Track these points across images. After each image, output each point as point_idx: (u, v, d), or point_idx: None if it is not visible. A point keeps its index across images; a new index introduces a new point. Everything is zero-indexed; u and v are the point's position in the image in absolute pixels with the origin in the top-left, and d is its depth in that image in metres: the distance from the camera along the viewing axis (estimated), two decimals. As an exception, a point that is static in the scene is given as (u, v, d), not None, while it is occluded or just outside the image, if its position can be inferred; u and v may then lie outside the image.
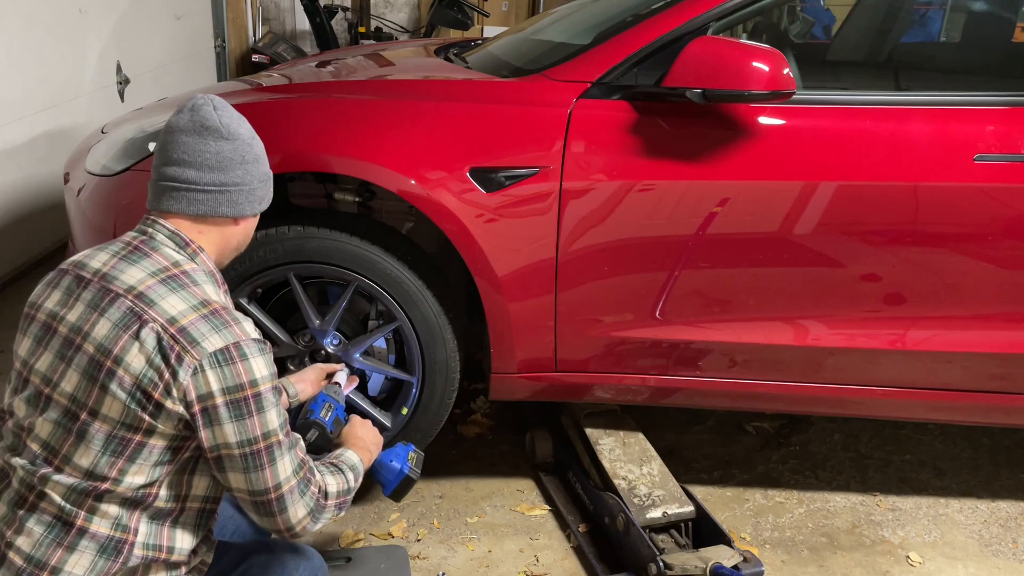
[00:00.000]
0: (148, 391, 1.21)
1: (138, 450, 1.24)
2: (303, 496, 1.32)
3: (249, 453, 1.25)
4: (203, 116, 1.33)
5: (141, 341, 1.21)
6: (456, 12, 5.83)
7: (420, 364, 2.10)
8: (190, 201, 1.33)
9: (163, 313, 1.23)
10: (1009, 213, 1.98)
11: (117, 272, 1.28)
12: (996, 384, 2.15)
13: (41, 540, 1.24)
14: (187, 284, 1.29)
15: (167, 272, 1.29)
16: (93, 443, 1.23)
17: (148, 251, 1.31)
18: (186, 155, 1.32)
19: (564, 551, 2.19)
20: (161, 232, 1.33)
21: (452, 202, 1.94)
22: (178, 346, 1.21)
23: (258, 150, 1.40)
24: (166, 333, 1.22)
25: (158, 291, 1.26)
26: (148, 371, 1.21)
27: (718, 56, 1.85)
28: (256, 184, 1.39)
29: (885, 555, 2.24)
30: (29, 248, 3.65)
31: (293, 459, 1.31)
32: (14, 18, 3.37)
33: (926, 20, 3.86)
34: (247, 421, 1.24)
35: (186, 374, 1.21)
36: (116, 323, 1.23)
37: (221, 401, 1.22)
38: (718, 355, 2.12)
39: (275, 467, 1.27)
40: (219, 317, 1.26)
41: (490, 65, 2.35)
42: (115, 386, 1.22)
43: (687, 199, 1.97)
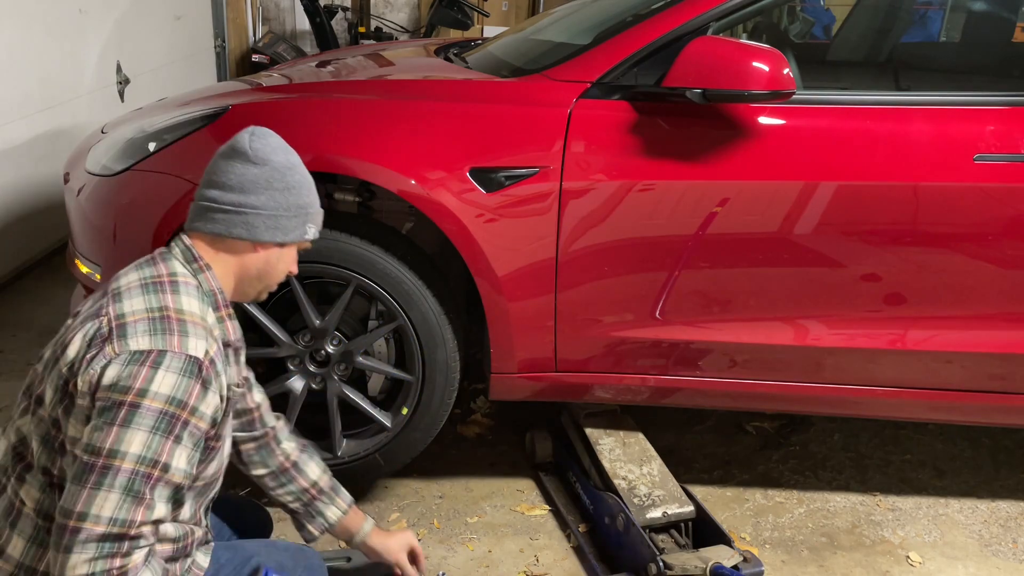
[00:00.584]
0: (66, 382, 1.18)
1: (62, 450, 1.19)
2: (97, 557, 1.09)
3: (85, 462, 1.11)
4: (237, 141, 1.35)
5: (84, 331, 1.20)
6: (456, 12, 5.83)
7: (420, 364, 2.10)
8: (208, 219, 1.34)
9: (118, 309, 1.21)
10: (1009, 213, 1.98)
11: (121, 277, 1.30)
12: (996, 384, 2.15)
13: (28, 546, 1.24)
14: (164, 290, 1.26)
15: (156, 279, 1.28)
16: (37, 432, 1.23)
17: (158, 261, 1.32)
18: (214, 176, 1.35)
19: (564, 551, 2.19)
20: (178, 246, 1.34)
21: (452, 202, 1.94)
22: (108, 340, 1.17)
23: (291, 180, 1.36)
24: (107, 325, 1.19)
25: (131, 293, 1.24)
26: (74, 359, 1.18)
27: (718, 56, 1.85)
28: (281, 212, 1.35)
29: (885, 555, 2.24)
30: (29, 248, 3.65)
31: (122, 504, 1.10)
32: (14, 18, 3.37)
33: (926, 20, 3.86)
34: (104, 427, 1.11)
35: (97, 364, 1.15)
36: (84, 318, 1.24)
37: (101, 396, 1.13)
38: (718, 355, 2.12)
39: (95, 493, 1.09)
40: (165, 323, 1.20)
41: (490, 65, 2.35)
42: (52, 375, 1.21)
43: (687, 199, 1.97)
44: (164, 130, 2.12)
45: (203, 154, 2.01)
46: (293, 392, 2.14)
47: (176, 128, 2.10)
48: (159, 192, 2.02)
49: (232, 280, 1.37)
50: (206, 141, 2.03)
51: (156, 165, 2.06)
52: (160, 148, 2.08)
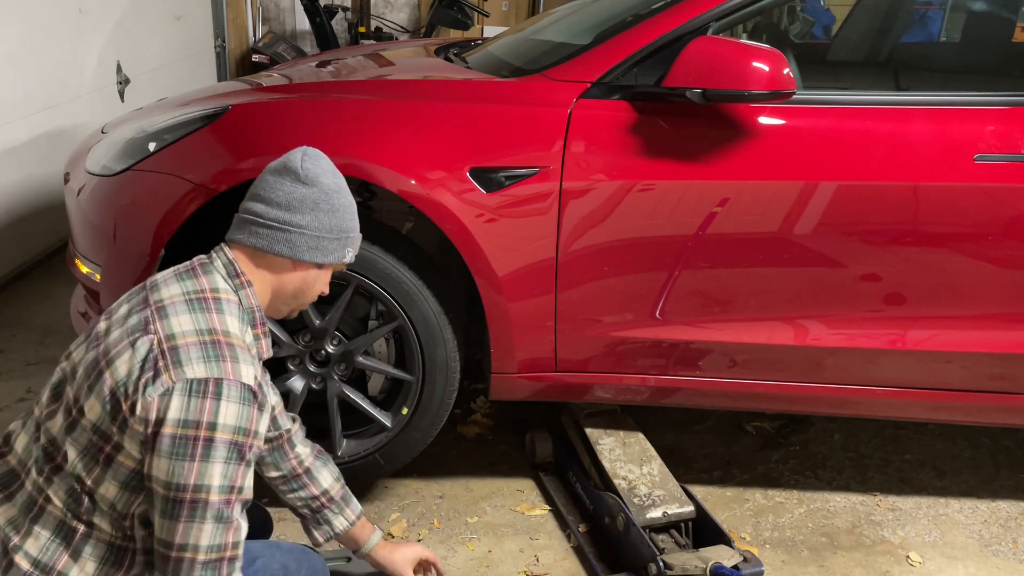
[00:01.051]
0: (119, 401, 1.17)
1: (108, 463, 1.20)
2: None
3: (172, 498, 1.15)
4: (289, 159, 1.36)
5: (135, 349, 1.19)
6: (456, 12, 5.83)
7: (420, 364, 2.10)
8: (251, 233, 1.34)
9: (167, 327, 1.21)
10: (1009, 213, 1.98)
11: (163, 286, 1.29)
12: (996, 384, 2.15)
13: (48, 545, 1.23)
14: (209, 309, 1.26)
15: (200, 295, 1.28)
16: (77, 443, 1.22)
17: (200, 273, 1.32)
18: (262, 191, 1.35)
19: (564, 551, 2.19)
20: (220, 259, 1.34)
21: (452, 202, 1.94)
22: (162, 361, 1.17)
23: (338, 204, 1.38)
24: (158, 346, 1.19)
25: (177, 308, 1.24)
26: (127, 380, 1.17)
27: (718, 56, 1.85)
28: (324, 234, 1.37)
29: (885, 555, 2.24)
30: (29, 248, 3.65)
31: (216, 532, 1.17)
32: (14, 18, 3.37)
33: (926, 20, 3.86)
34: (184, 463, 1.14)
35: (155, 391, 1.15)
36: (129, 328, 1.23)
37: (169, 431, 1.14)
38: (718, 355, 2.12)
39: (190, 526, 1.15)
40: (217, 348, 1.20)
41: (490, 65, 2.35)
42: (99, 387, 1.19)
43: (687, 199, 1.97)
44: (164, 130, 2.12)
45: (203, 154, 2.03)
46: (293, 392, 2.14)
47: (176, 128, 2.10)
48: (159, 192, 2.02)
49: (268, 296, 1.38)
50: (206, 141, 2.03)
51: (156, 165, 2.06)
52: (160, 148, 2.08)
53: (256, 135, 2.00)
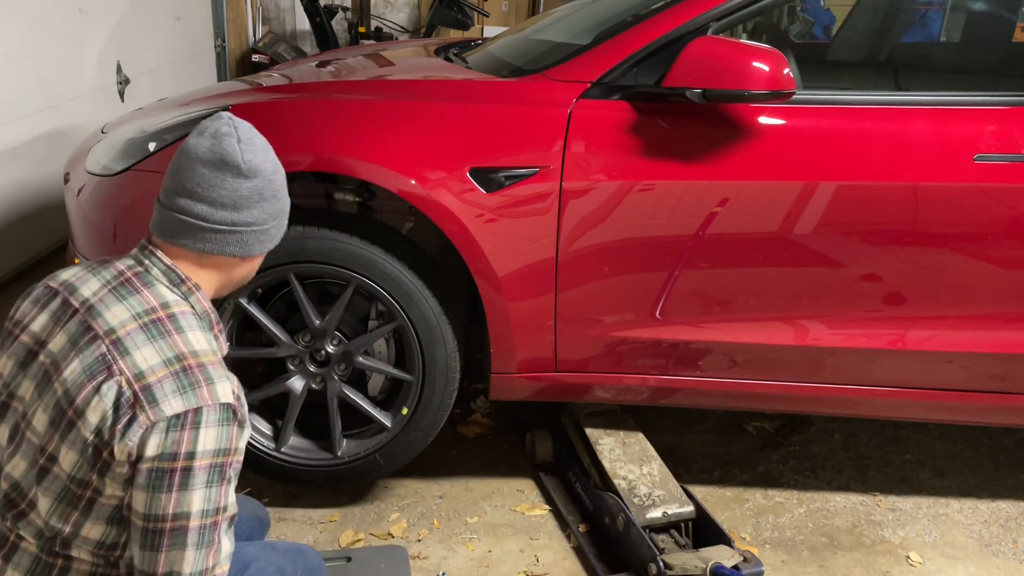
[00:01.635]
0: (98, 450, 1.13)
1: (90, 506, 1.16)
2: None
3: (152, 529, 1.11)
4: (224, 149, 1.23)
5: (101, 395, 1.12)
6: (456, 12, 5.83)
7: (420, 364, 2.10)
8: (196, 238, 1.24)
9: (133, 366, 1.14)
10: (1009, 213, 1.98)
11: (103, 308, 1.19)
12: (996, 384, 2.15)
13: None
14: (169, 331, 1.18)
15: (152, 315, 1.19)
16: (49, 493, 1.16)
17: (139, 286, 1.22)
18: (200, 188, 1.22)
19: (564, 551, 2.19)
20: (157, 266, 1.24)
21: (452, 202, 1.94)
22: (137, 405, 1.11)
23: (277, 185, 1.30)
24: (129, 388, 1.12)
25: (135, 339, 1.16)
26: (101, 427, 1.12)
27: (718, 56, 1.85)
28: (270, 223, 1.30)
29: (885, 555, 2.24)
30: (29, 248, 3.65)
31: (198, 558, 1.13)
32: (14, 18, 3.37)
33: (926, 20, 3.86)
34: (162, 495, 1.10)
35: (135, 435, 1.10)
36: (85, 369, 1.15)
37: (146, 467, 1.10)
38: (718, 355, 2.12)
39: (172, 555, 1.11)
40: (190, 376, 1.14)
41: (490, 65, 2.35)
42: (72, 437, 1.13)
43: (687, 199, 1.97)
44: (164, 130, 2.12)
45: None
46: (293, 392, 2.14)
47: (176, 128, 2.10)
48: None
49: (215, 291, 1.32)
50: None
51: (156, 165, 2.06)
52: (160, 148, 2.08)
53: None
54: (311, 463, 2.18)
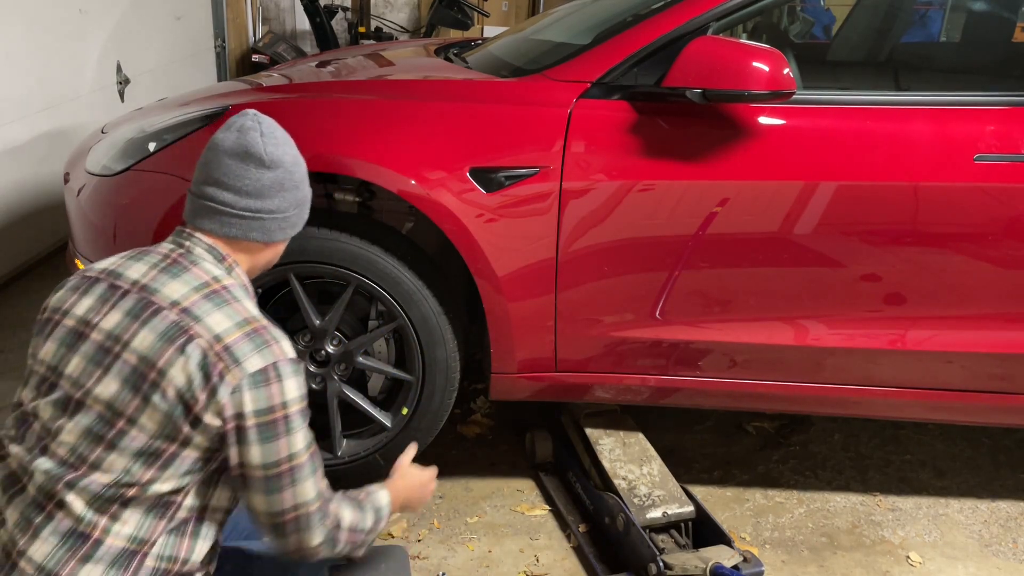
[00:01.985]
0: (189, 405, 1.22)
1: (170, 460, 1.24)
2: (320, 522, 1.31)
3: (272, 475, 1.25)
4: (248, 142, 1.34)
5: (187, 356, 1.22)
6: (456, 12, 5.83)
7: (420, 364, 2.10)
8: (223, 223, 1.35)
9: (209, 329, 1.24)
10: (1009, 213, 1.98)
11: (158, 285, 1.28)
12: (996, 384, 2.15)
13: (55, 550, 1.21)
14: (229, 300, 1.29)
15: (209, 288, 1.29)
16: (127, 450, 1.22)
17: (187, 264, 1.32)
18: (225, 177, 1.34)
19: (564, 551, 2.19)
20: (199, 246, 1.35)
21: (452, 202, 1.94)
22: (221, 364, 1.22)
23: (298, 176, 1.41)
24: (211, 350, 1.22)
25: (203, 307, 1.26)
26: (191, 386, 1.21)
27: (718, 56, 1.85)
28: (291, 211, 1.41)
29: (885, 555, 2.24)
30: (29, 248, 3.65)
31: (315, 484, 1.30)
32: (14, 18, 3.37)
33: (926, 20, 3.86)
34: (274, 443, 1.24)
35: (225, 392, 1.21)
36: (161, 335, 1.23)
37: (252, 423, 1.23)
38: (718, 355, 2.12)
39: (295, 489, 1.27)
40: (261, 336, 1.26)
41: (490, 65, 2.35)
42: (157, 398, 1.21)
43: (687, 199, 1.97)
44: (164, 130, 2.12)
45: (203, 154, 2.03)
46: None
47: (176, 128, 2.10)
48: (159, 192, 2.02)
49: (246, 272, 1.42)
50: (206, 141, 2.03)
51: (156, 165, 2.06)
52: (160, 148, 2.08)
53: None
54: None
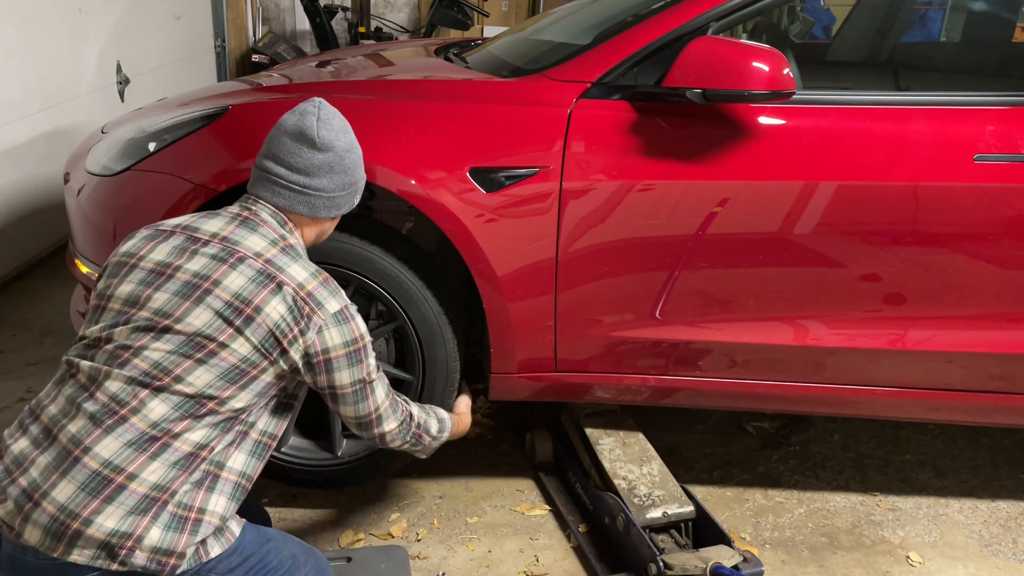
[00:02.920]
0: (279, 339, 1.42)
1: (250, 381, 1.42)
2: (394, 412, 1.65)
3: (359, 390, 1.55)
4: (305, 124, 1.53)
5: (281, 296, 1.42)
6: (456, 12, 5.83)
7: (420, 363, 2.10)
8: (274, 193, 1.54)
9: (292, 278, 1.45)
10: (1009, 213, 1.98)
11: (239, 237, 1.48)
12: (996, 384, 2.15)
13: (124, 448, 1.32)
14: (300, 256, 1.51)
15: (282, 242, 1.51)
16: (214, 369, 1.38)
17: (259, 223, 1.52)
18: (281, 153, 1.53)
19: (564, 551, 2.19)
20: (264, 211, 1.54)
21: (452, 202, 1.94)
22: (308, 307, 1.44)
23: (349, 162, 1.59)
24: (298, 295, 1.44)
25: (282, 259, 1.47)
26: (283, 323, 1.42)
27: (718, 56, 1.85)
28: (338, 193, 1.59)
29: (885, 555, 2.24)
30: (29, 248, 3.65)
31: (384, 387, 1.62)
32: (14, 18, 3.37)
33: (926, 20, 3.86)
34: (358, 366, 1.52)
35: (313, 331, 1.44)
36: (252, 279, 1.42)
37: (343, 353, 1.48)
38: (718, 355, 2.12)
39: (374, 395, 1.58)
40: (331, 285, 1.50)
41: (490, 65, 2.35)
42: (251, 330, 1.40)
43: (687, 199, 1.97)
44: (164, 130, 2.12)
45: (203, 154, 2.03)
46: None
47: (176, 128, 2.10)
48: (159, 192, 2.02)
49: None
50: (206, 141, 2.03)
51: (156, 165, 2.06)
52: (160, 148, 2.08)
53: (256, 135, 1.99)
54: (311, 463, 2.18)
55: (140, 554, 1.30)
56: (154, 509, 1.32)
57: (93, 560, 1.29)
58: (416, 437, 1.73)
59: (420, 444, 1.76)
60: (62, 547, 1.28)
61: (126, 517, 1.30)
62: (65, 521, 1.28)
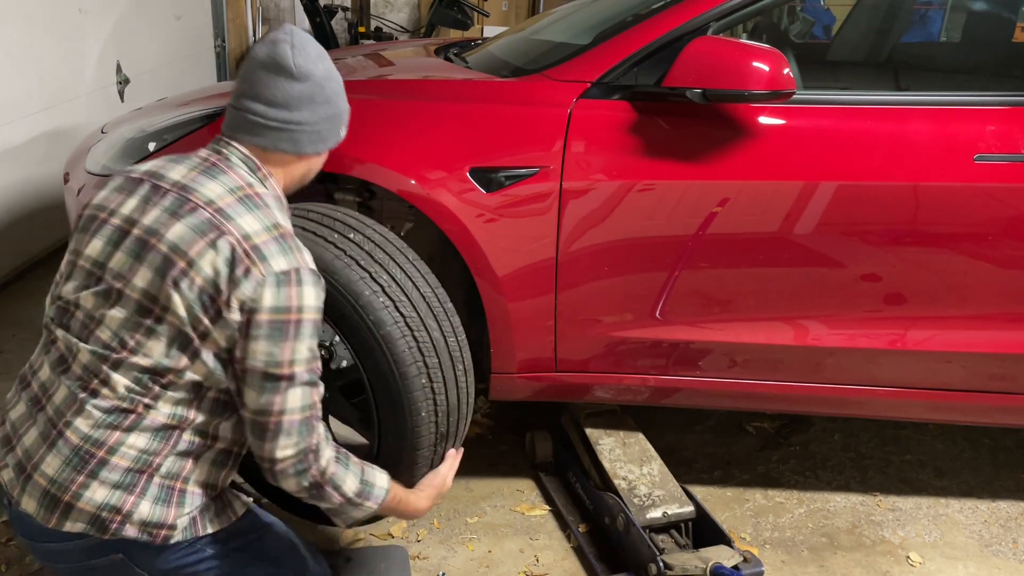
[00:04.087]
0: (213, 297, 1.28)
1: (200, 350, 1.31)
2: (300, 436, 1.33)
3: (271, 374, 1.30)
4: (279, 54, 1.38)
5: (217, 249, 1.28)
6: (456, 12, 5.83)
7: (376, 424, 1.81)
8: (255, 133, 1.41)
9: (239, 228, 1.31)
10: (1009, 213, 1.98)
11: (197, 184, 1.35)
12: (996, 384, 2.15)
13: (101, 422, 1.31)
14: (261, 205, 1.36)
15: (243, 191, 1.36)
16: (162, 337, 1.30)
17: (225, 168, 1.39)
18: (257, 89, 1.40)
19: (564, 551, 2.19)
20: (235, 155, 1.41)
21: (452, 202, 1.94)
22: (248, 260, 1.29)
23: (330, 91, 1.45)
24: (240, 246, 1.29)
25: (236, 208, 1.33)
26: (217, 278, 1.28)
27: (718, 56, 1.85)
28: (322, 125, 1.45)
29: (885, 555, 2.24)
30: (29, 248, 3.65)
31: (307, 396, 1.34)
32: (14, 18, 3.37)
33: (926, 20, 3.87)
34: (280, 343, 1.30)
35: (248, 285, 1.28)
36: (194, 228, 1.30)
37: (265, 318, 1.29)
38: (718, 355, 2.12)
39: (287, 395, 1.31)
40: (287, 241, 1.33)
41: (490, 65, 2.35)
42: (185, 286, 1.28)
43: (687, 199, 1.97)
44: (164, 130, 2.12)
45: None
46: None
47: (176, 128, 2.10)
48: (159, 192, 2.02)
49: (281, 185, 1.47)
50: (205, 141, 2.02)
51: (156, 165, 2.06)
52: (160, 148, 2.08)
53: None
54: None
55: (130, 527, 1.32)
56: (140, 483, 1.32)
57: (86, 531, 1.32)
58: (316, 486, 1.37)
59: (324, 499, 1.40)
60: (55, 518, 1.31)
61: (113, 491, 1.30)
62: (55, 494, 1.30)
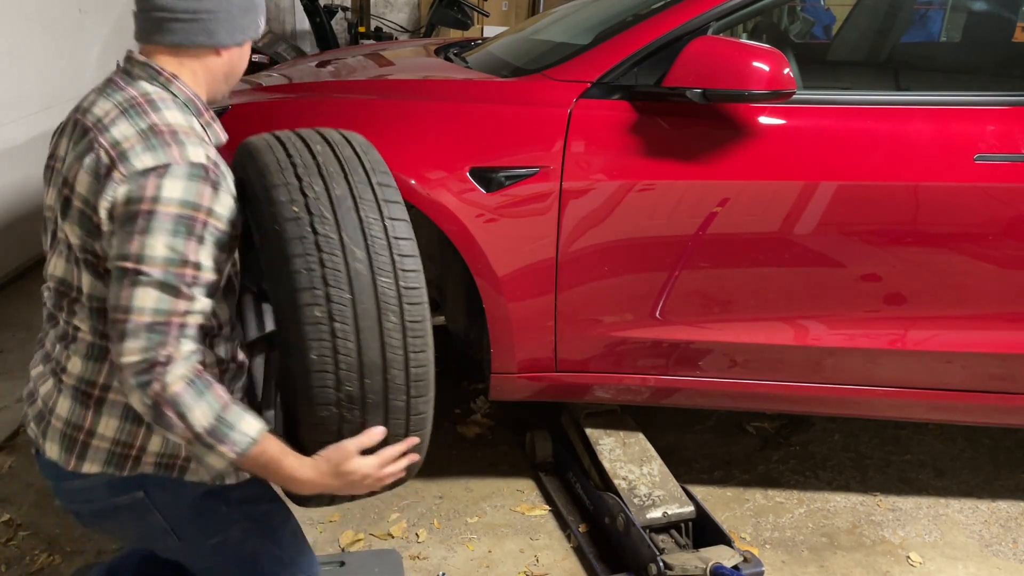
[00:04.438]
0: (90, 216, 1.22)
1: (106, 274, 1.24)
2: (148, 341, 1.18)
3: (120, 267, 1.19)
4: None
5: (84, 167, 1.22)
6: (456, 12, 5.82)
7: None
8: (165, 31, 1.30)
9: (110, 138, 1.22)
10: (1009, 213, 1.98)
11: (93, 107, 1.28)
12: (996, 384, 2.15)
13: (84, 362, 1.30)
14: (146, 111, 1.25)
15: (132, 101, 1.27)
16: (85, 274, 1.26)
17: (123, 86, 1.30)
18: None
19: (564, 551, 2.19)
20: (136, 67, 1.32)
21: (452, 202, 1.93)
22: (110, 163, 1.20)
23: None
24: (106, 154, 1.21)
25: (116, 120, 1.24)
26: (88, 195, 1.22)
27: (718, 56, 1.85)
28: (236, 12, 1.33)
29: (885, 555, 2.24)
30: (29, 248, 3.65)
31: (162, 299, 1.18)
32: (14, 18, 3.37)
33: (926, 20, 3.87)
34: (130, 235, 1.18)
35: (111, 190, 1.19)
36: (78, 154, 1.25)
37: (119, 211, 1.19)
38: (718, 355, 2.12)
39: (132, 291, 1.18)
40: (160, 138, 1.22)
41: (490, 65, 2.35)
42: (72, 214, 1.24)
43: (687, 199, 1.97)
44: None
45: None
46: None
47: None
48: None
49: (203, 86, 1.37)
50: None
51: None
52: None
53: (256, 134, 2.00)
54: None
55: (146, 462, 1.33)
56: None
57: (104, 471, 1.32)
58: (156, 406, 1.18)
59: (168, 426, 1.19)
60: (74, 460, 1.32)
61: (123, 423, 1.31)
62: (72, 435, 1.31)
